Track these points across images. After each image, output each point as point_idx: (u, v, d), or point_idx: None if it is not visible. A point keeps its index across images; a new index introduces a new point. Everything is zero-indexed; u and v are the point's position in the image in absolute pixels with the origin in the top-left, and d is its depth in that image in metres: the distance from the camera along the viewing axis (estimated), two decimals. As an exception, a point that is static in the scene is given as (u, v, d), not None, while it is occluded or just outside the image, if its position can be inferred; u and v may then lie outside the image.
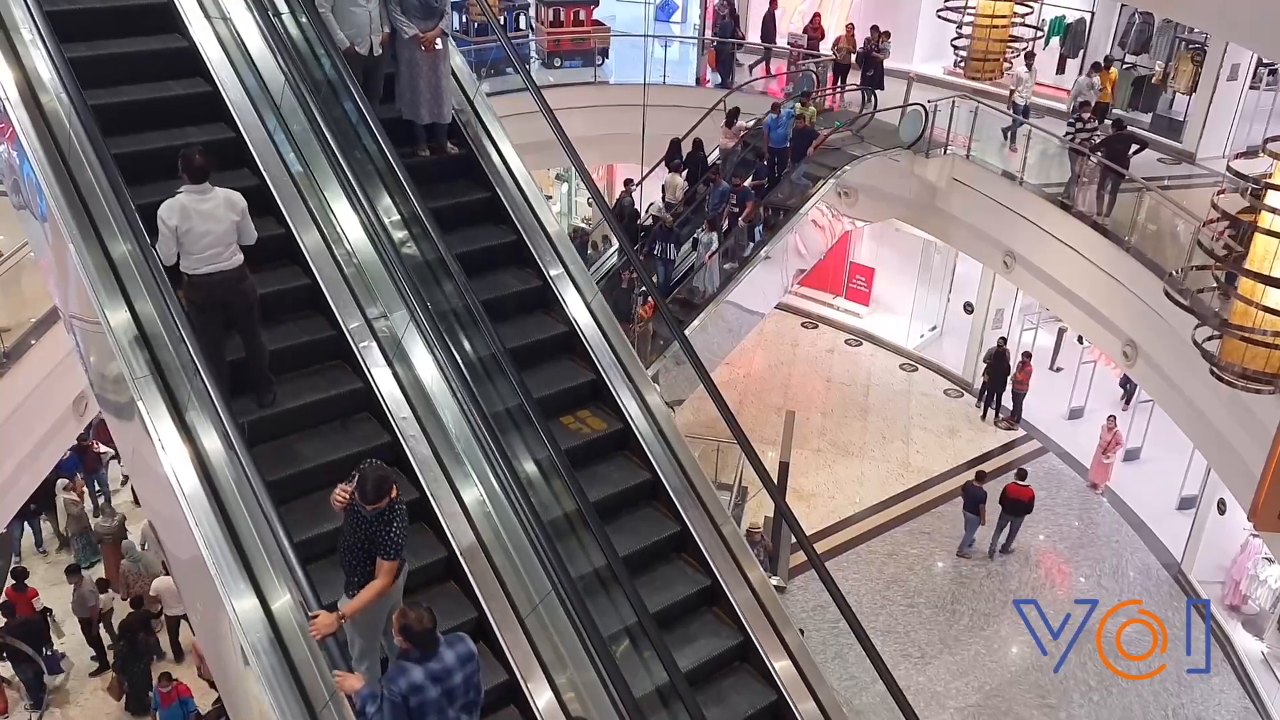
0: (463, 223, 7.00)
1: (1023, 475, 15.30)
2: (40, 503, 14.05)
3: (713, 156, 16.78)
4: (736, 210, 14.82)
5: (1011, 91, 16.64)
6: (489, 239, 7.08)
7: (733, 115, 16.82)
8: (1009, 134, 16.19)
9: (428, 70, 6.82)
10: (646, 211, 16.78)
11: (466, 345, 6.27)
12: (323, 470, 5.70)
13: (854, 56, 18.09)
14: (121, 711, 12.54)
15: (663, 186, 16.68)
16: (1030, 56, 16.32)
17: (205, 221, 5.52)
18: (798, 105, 15.37)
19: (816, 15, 20.07)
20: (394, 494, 4.92)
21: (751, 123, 16.73)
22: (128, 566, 13.61)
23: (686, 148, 16.73)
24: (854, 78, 18.19)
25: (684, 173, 16.41)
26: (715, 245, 14.40)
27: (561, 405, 6.62)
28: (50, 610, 12.69)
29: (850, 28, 18.46)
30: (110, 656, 12.74)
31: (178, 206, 5.49)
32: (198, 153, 5.60)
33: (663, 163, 17.08)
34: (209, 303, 5.65)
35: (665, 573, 6.32)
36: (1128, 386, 17.77)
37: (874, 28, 18.15)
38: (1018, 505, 15.12)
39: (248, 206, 5.74)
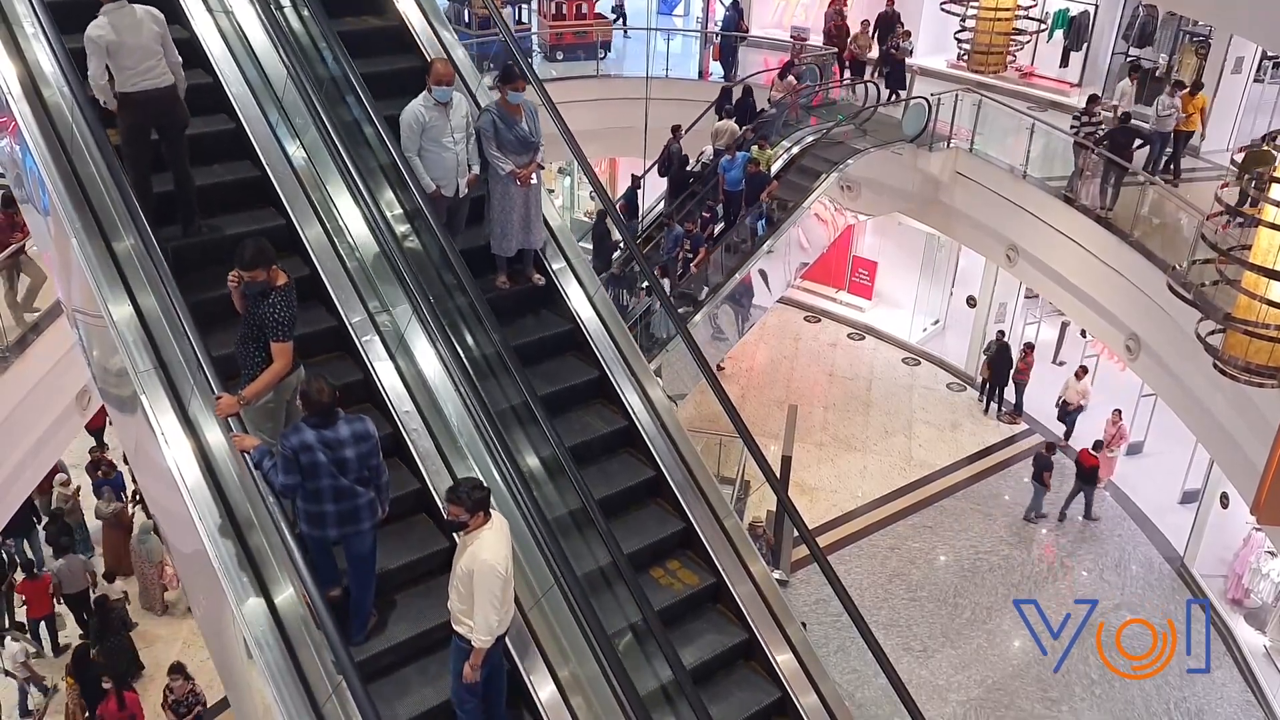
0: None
1: (1098, 446, 15.81)
2: (20, 527, 13.82)
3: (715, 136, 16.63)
4: (690, 255, 14.47)
5: (1115, 107, 15.22)
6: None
7: (787, 67, 17.08)
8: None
9: (521, 203, 6.57)
10: (697, 159, 16.78)
11: (469, 339, 6.27)
12: (415, 643, 5.57)
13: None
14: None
15: (713, 133, 16.66)
16: (1135, 68, 15.66)
17: (132, 34, 5.81)
18: (754, 149, 14.99)
19: (840, 12, 19.92)
20: (282, 279, 5.28)
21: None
22: (135, 546, 13.75)
23: (699, 150, 16.75)
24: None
25: (734, 119, 16.50)
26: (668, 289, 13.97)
27: (563, 402, 6.62)
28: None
29: (866, 24, 18.41)
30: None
31: (103, 22, 5.78)
32: None
33: (712, 108, 17.35)
34: (141, 125, 5.92)
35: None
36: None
37: (900, 24, 18.10)
38: (1091, 472, 15.60)
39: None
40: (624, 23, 21.42)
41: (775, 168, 15.83)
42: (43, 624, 13.13)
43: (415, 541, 5.76)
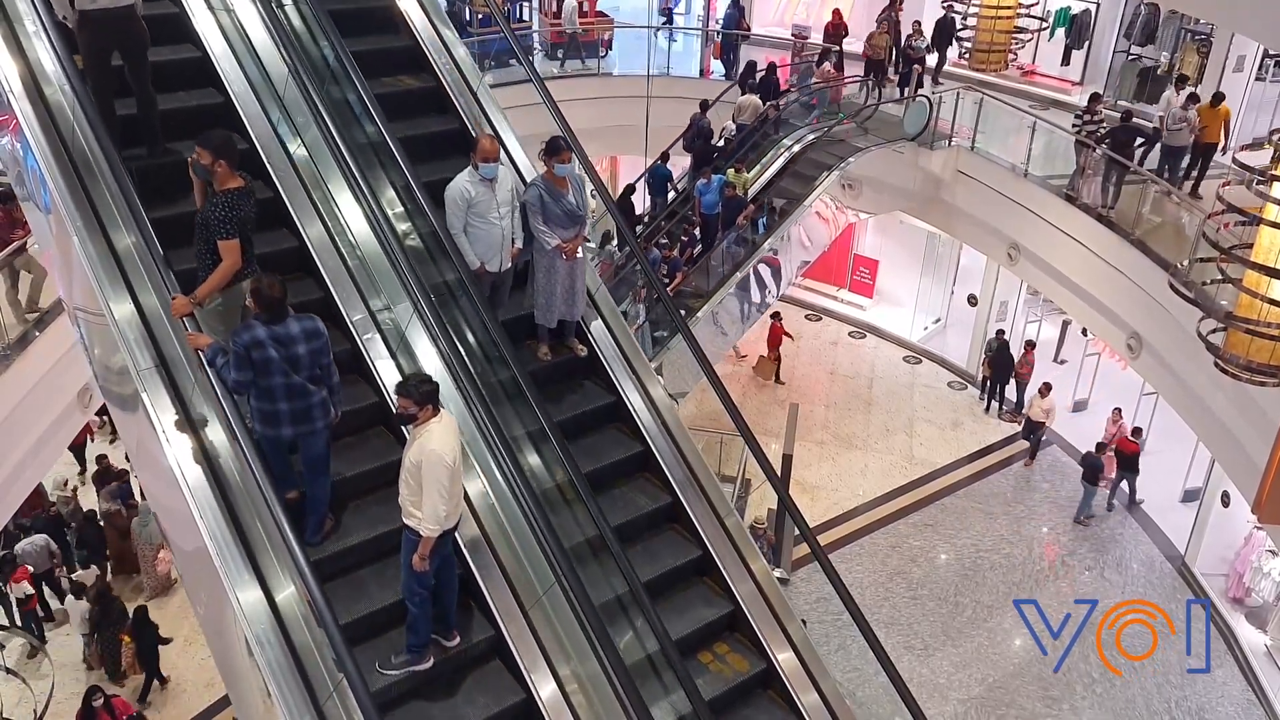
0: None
1: (1137, 432, 15.90)
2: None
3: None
4: (666, 280, 14.43)
5: (1161, 119, 14.26)
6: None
7: (824, 55, 17.53)
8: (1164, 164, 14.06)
9: (565, 275, 6.43)
10: (721, 134, 16.86)
11: (470, 338, 6.27)
12: (369, 546, 5.66)
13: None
14: (100, 677, 12.85)
15: (737, 107, 16.82)
16: (1183, 80, 15.05)
17: None
18: (730, 172, 14.93)
19: (837, 11, 19.96)
20: (234, 183, 5.45)
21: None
22: (135, 529, 13.92)
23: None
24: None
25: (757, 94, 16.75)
26: (642, 318, 14.01)
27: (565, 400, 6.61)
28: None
29: (883, 23, 18.40)
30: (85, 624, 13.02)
31: None
32: None
33: (736, 85, 17.63)
34: (102, 46, 5.99)
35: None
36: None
37: (916, 23, 18.10)
38: (1132, 459, 15.72)
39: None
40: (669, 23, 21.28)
41: (766, 177, 15.89)
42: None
43: (370, 452, 5.87)
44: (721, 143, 16.67)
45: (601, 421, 6.66)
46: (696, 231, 15.13)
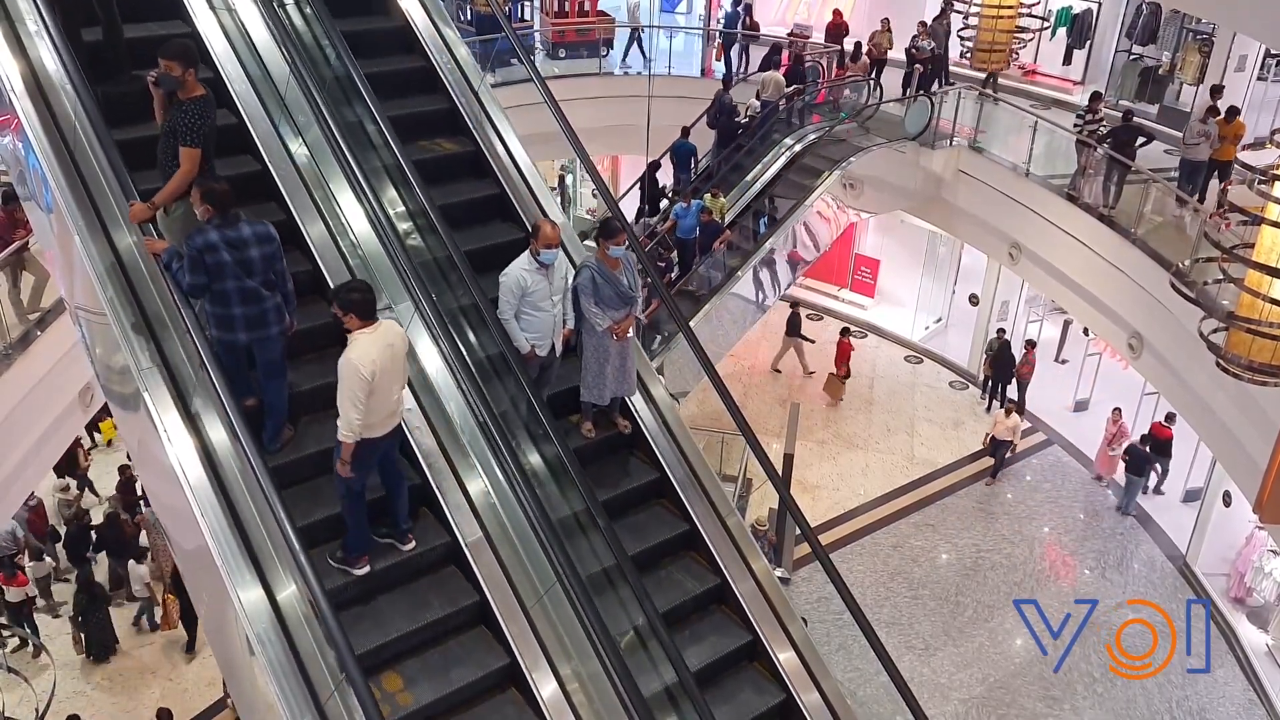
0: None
1: (1170, 418, 15.70)
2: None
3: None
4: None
5: (1196, 146, 13.67)
6: (500, 236, 7.07)
7: (857, 49, 17.78)
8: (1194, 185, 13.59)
9: (616, 355, 6.33)
10: (746, 111, 16.90)
11: (472, 337, 6.27)
12: (324, 456, 5.67)
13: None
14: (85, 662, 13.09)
15: (761, 83, 16.91)
16: (1217, 91, 14.45)
17: None
18: (707, 197, 14.81)
19: (837, 11, 19.95)
20: (199, 91, 5.58)
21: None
22: (146, 514, 14.05)
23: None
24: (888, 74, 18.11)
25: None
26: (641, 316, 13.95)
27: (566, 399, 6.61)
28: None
29: (885, 22, 18.40)
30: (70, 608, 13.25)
31: None
32: None
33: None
34: None
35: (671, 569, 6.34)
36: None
37: (922, 23, 18.09)
38: (1166, 444, 15.73)
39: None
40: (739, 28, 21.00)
41: (758, 187, 15.93)
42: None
43: (330, 369, 5.71)
44: (745, 119, 16.75)
45: (647, 497, 6.55)
46: (674, 255, 15.01)
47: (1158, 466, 16.27)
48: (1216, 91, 14.61)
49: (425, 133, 7.23)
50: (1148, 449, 16.02)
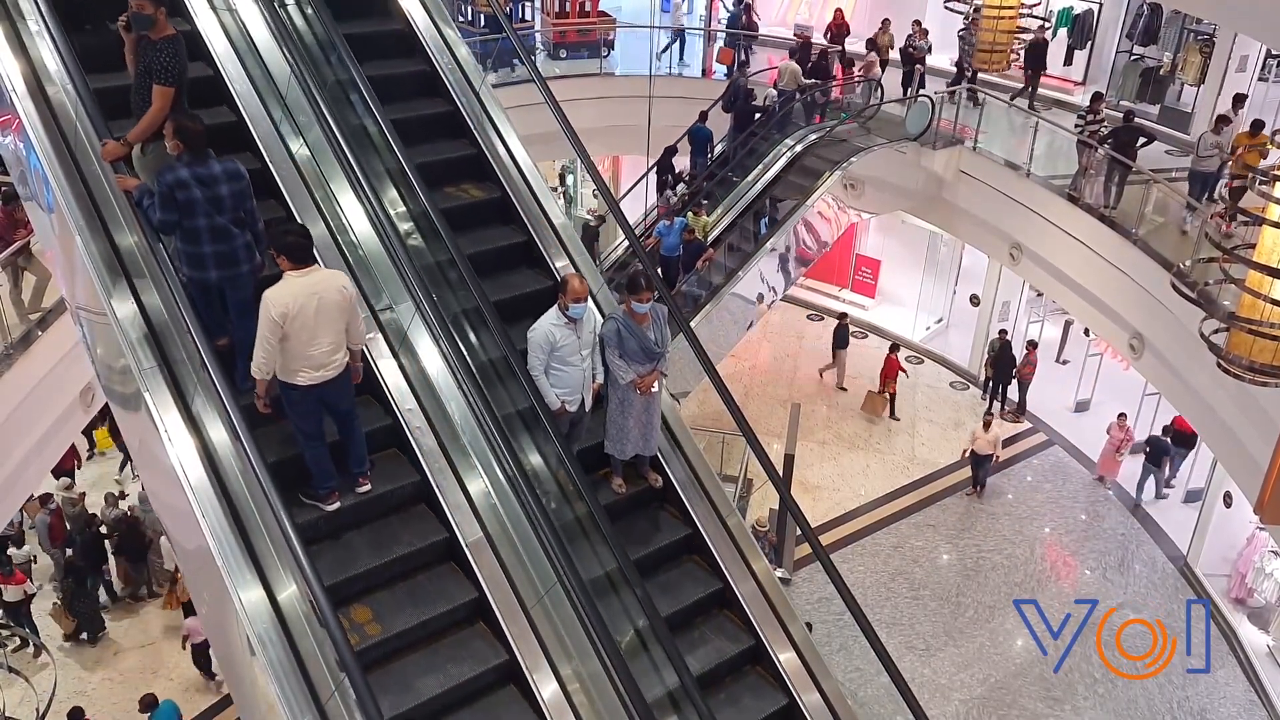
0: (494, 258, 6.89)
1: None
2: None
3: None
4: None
5: (1199, 141, 13.57)
6: (500, 239, 7.08)
7: (870, 45, 18.05)
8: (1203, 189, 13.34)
9: (640, 410, 6.23)
10: (764, 100, 17.07)
11: (473, 338, 6.27)
12: (380, 571, 5.64)
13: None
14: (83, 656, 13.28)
15: (778, 72, 17.03)
16: (1240, 100, 14.13)
17: None
18: (690, 215, 14.76)
19: (839, 11, 19.95)
20: (170, 30, 5.66)
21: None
22: (141, 517, 14.16)
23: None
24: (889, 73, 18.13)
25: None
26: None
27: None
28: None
29: (886, 23, 18.40)
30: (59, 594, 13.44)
31: None
32: None
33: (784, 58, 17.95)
34: None
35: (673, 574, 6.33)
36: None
37: (916, 23, 18.09)
38: (1191, 437, 15.61)
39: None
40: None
41: (760, 186, 15.92)
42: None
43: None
44: (764, 102, 16.98)
45: (678, 553, 6.46)
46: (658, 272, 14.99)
47: (1173, 460, 16.23)
48: (1239, 100, 14.24)
49: (426, 134, 7.21)
50: (1169, 439, 16.01)
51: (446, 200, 6.84)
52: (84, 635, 13.34)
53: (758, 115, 16.75)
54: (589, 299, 6.19)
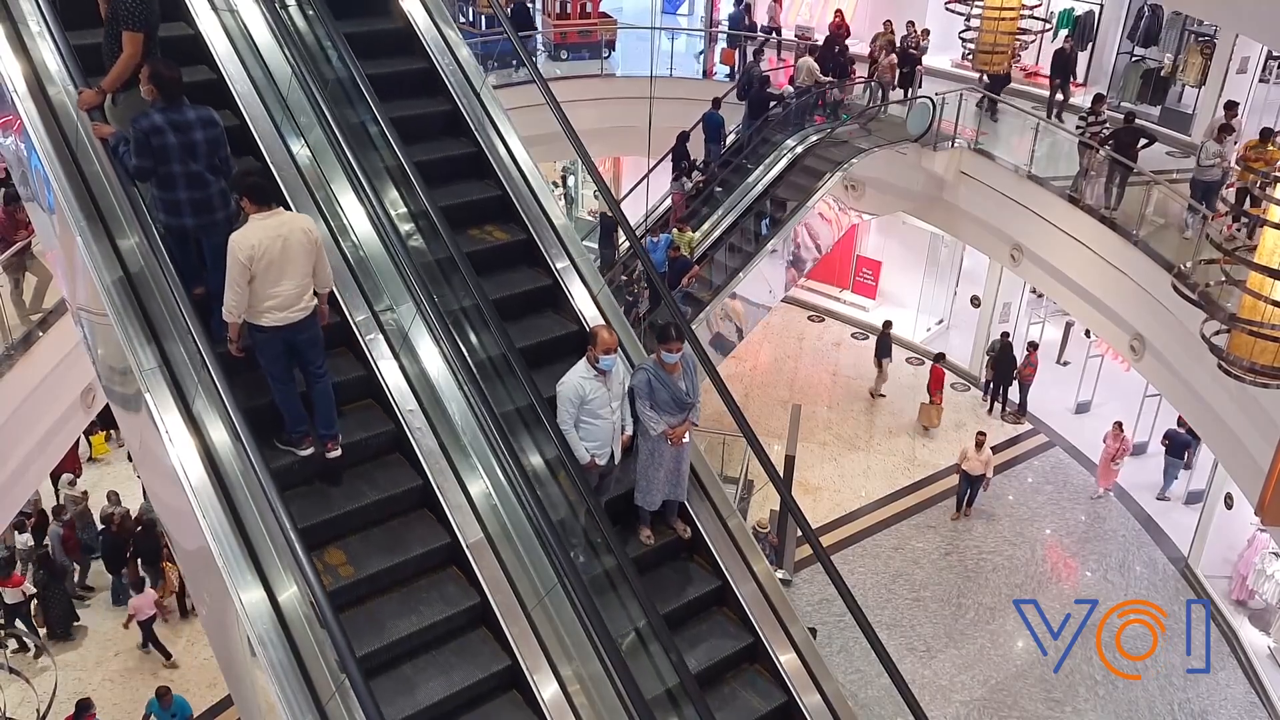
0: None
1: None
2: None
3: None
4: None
5: (1200, 150, 13.31)
6: (500, 238, 7.07)
7: (889, 48, 17.95)
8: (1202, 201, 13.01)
9: (670, 460, 6.18)
10: (783, 98, 17.17)
11: (474, 339, 6.27)
12: (355, 515, 5.69)
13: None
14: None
15: (795, 68, 17.23)
16: (1232, 107, 13.79)
17: None
18: (675, 232, 14.67)
19: (839, 12, 19.97)
20: None
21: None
22: (144, 514, 14.18)
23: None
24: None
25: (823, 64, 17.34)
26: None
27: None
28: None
29: (888, 24, 18.41)
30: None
31: None
32: None
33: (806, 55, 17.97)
34: None
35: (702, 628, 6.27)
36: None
37: (910, 24, 18.08)
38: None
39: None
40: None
41: (766, 182, 15.89)
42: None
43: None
44: (780, 92, 17.13)
45: (708, 606, 6.37)
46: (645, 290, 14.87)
47: (1193, 451, 16.20)
48: (1231, 107, 14.07)
49: (426, 134, 7.22)
50: (1186, 430, 15.94)
51: (447, 198, 6.83)
52: (59, 631, 13.47)
53: (772, 104, 16.78)
54: (619, 350, 6.03)
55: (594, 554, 5.92)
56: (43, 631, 13.36)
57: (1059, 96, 17.22)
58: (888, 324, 19.16)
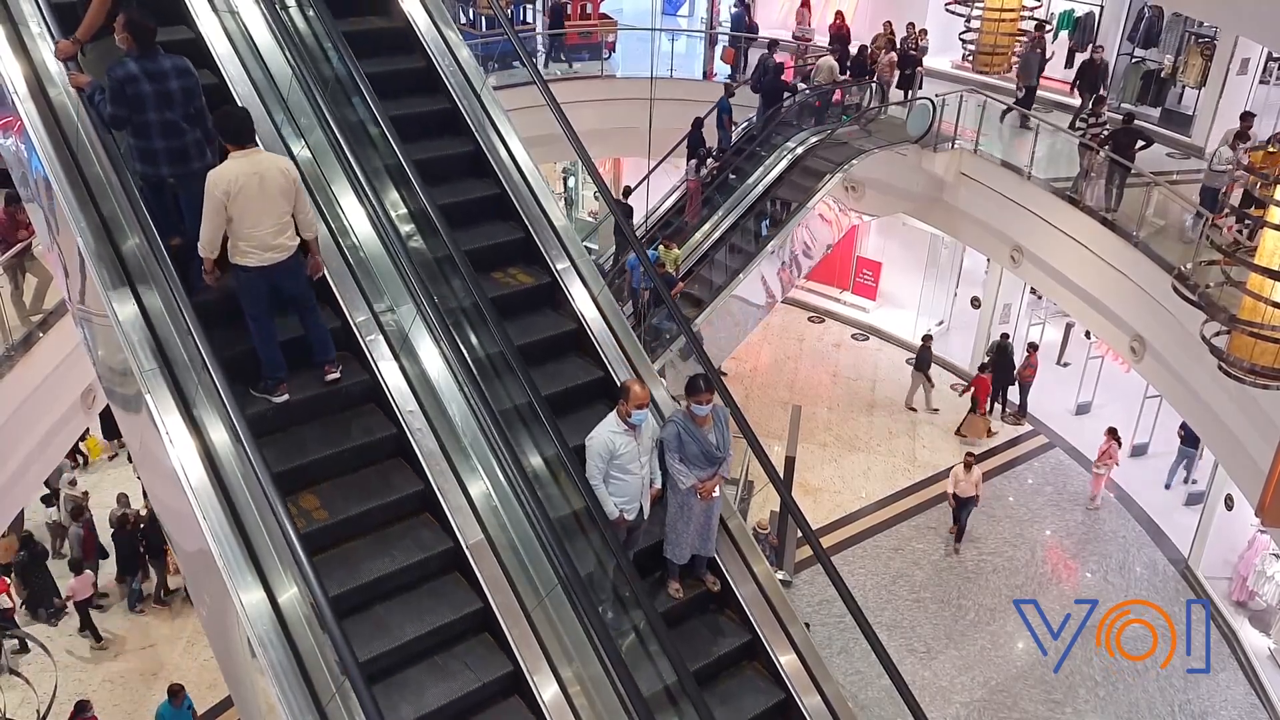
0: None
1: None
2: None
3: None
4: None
5: (1223, 173, 12.86)
6: (500, 236, 7.08)
7: (891, 46, 18.12)
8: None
9: (700, 514, 6.07)
10: (797, 95, 17.33)
11: (474, 339, 6.26)
12: (329, 462, 5.72)
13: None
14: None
15: (815, 67, 17.38)
16: (1241, 135, 13.01)
17: None
18: (661, 248, 14.62)
19: (839, 13, 20.01)
20: None
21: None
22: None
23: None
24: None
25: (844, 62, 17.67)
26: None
27: (568, 399, 6.59)
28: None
29: (888, 25, 18.43)
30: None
31: None
32: None
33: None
34: None
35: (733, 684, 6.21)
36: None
37: (910, 25, 18.10)
38: None
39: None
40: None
41: (761, 189, 15.87)
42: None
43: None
44: (793, 84, 17.31)
45: (739, 661, 6.27)
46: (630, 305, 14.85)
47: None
48: (1246, 118, 13.66)
49: (426, 134, 7.22)
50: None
51: (445, 197, 6.84)
52: (40, 609, 13.67)
53: (786, 95, 16.85)
54: (650, 402, 5.93)
55: (622, 609, 5.82)
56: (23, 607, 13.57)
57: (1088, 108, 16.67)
58: (927, 338, 18.86)
